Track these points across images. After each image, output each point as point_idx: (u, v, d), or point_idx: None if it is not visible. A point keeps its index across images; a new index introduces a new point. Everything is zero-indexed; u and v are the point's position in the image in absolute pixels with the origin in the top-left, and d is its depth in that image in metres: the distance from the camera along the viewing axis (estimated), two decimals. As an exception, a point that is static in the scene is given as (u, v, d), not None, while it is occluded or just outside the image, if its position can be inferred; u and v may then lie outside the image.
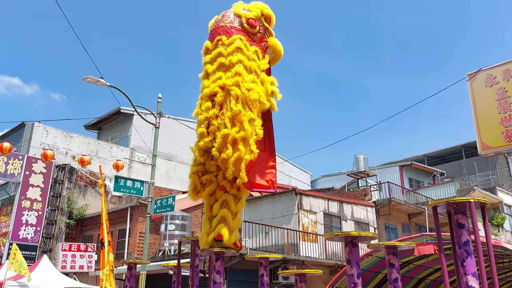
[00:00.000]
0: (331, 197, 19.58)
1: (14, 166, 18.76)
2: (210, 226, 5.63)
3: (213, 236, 5.44)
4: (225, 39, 5.85)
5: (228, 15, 6.18)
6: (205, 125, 5.54)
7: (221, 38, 5.87)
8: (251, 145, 5.33)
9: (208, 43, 6.04)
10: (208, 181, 5.74)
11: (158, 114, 14.57)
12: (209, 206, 5.79)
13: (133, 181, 14.34)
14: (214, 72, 5.72)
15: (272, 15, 6.41)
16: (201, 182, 5.78)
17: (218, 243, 5.49)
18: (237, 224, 5.73)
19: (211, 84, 5.63)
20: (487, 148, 10.86)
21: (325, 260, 16.47)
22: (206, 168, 5.77)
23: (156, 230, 18.22)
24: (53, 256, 18.54)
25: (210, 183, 5.73)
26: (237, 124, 5.31)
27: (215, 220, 5.56)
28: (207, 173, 5.77)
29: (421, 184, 28.98)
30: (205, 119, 5.54)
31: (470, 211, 3.91)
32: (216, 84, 5.56)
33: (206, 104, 5.58)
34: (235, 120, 5.33)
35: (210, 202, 5.77)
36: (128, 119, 25.91)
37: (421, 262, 14.47)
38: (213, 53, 5.85)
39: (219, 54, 5.77)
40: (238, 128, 5.29)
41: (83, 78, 13.29)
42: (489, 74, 11.52)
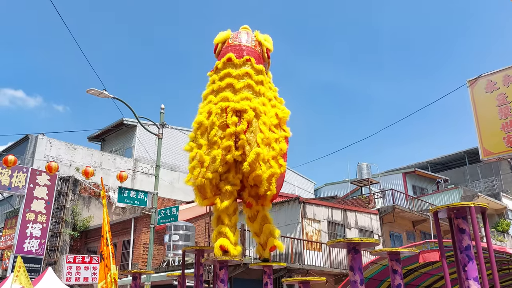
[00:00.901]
0: (335, 205, 19.55)
1: (18, 179, 18.88)
2: (234, 234, 5.94)
3: (268, 249, 6.10)
4: (254, 61, 6.33)
5: (249, 37, 6.62)
6: (233, 139, 5.77)
7: (250, 59, 6.31)
8: (279, 159, 5.88)
9: (233, 55, 6.29)
10: (229, 192, 5.91)
11: (161, 125, 14.67)
12: (228, 215, 5.95)
13: (137, 191, 14.40)
14: (241, 89, 6.07)
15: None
16: (215, 189, 5.96)
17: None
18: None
19: (241, 101, 5.94)
20: (489, 154, 10.87)
21: (329, 268, 16.40)
22: (229, 180, 5.93)
23: (160, 241, 18.23)
24: (57, 268, 18.56)
25: (230, 195, 5.93)
26: (267, 145, 5.87)
27: (264, 236, 6.12)
28: (227, 183, 5.91)
29: (425, 191, 28.89)
30: (234, 133, 5.77)
31: (471, 216, 3.95)
32: (247, 103, 5.91)
33: (233, 118, 5.82)
34: (265, 143, 5.85)
35: (228, 211, 5.96)
36: (131, 130, 26.07)
37: (426, 269, 14.39)
38: (241, 70, 6.20)
39: (247, 74, 6.20)
40: (269, 148, 5.85)
41: (86, 91, 13.41)
42: (489, 80, 11.58)
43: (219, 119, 5.89)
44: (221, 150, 5.75)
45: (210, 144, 5.86)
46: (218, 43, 6.61)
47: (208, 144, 5.89)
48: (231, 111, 5.87)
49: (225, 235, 5.82)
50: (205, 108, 6.13)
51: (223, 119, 5.87)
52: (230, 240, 5.81)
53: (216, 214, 6.03)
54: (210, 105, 6.08)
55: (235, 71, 6.18)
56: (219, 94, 6.12)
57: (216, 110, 5.95)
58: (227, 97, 5.99)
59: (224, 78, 6.19)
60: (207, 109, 6.08)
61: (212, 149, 5.81)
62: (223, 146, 5.75)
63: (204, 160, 5.79)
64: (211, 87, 6.31)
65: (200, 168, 5.82)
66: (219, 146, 5.78)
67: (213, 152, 5.76)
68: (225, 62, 6.28)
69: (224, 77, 6.19)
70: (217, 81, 6.25)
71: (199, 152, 5.88)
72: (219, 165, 5.74)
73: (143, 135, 23.95)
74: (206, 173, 5.79)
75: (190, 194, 26.09)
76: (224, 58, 6.29)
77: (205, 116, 6.03)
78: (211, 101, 6.13)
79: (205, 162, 5.78)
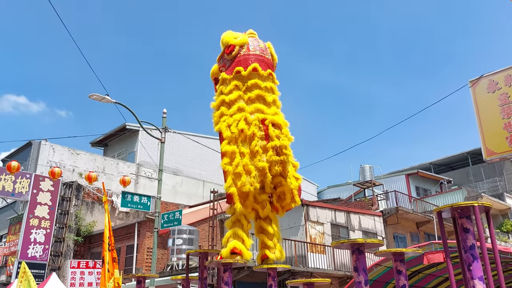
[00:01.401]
0: (338, 207, 19.53)
1: (22, 185, 18.94)
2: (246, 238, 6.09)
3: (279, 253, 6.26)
4: (274, 76, 6.58)
5: (265, 47, 6.74)
6: (275, 152, 5.91)
7: (271, 74, 6.53)
8: (295, 174, 6.29)
9: (258, 66, 6.36)
10: (264, 200, 6.15)
11: (164, 129, 14.71)
12: (246, 221, 6.13)
13: (140, 196, 14.42)
14: (271, 103, 6.27)
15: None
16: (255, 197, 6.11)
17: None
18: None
19: (275, 115, 6.14)
20: (492, 154, 10.85)
21: (333, 271, 16.36)
22: (265, 189, 6.11)
23: (163, 245, 18.22)
24: (61, 274, 18.57)
25: (265, 203, 6.17)
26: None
27: (276, 240, 6.28)
28: (263, 193, 6.11)
29: (428, 192, 28.82)
30: (275, 147, 5.90)
31: (475, 215, 3.94)
32: (281, 118, 6.20)
33: (275, 132, 5.97)
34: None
35: (250, 216, 6.17)
36: (134, 135, 26.14)
37: (431, 271, 14.34)
38: (267, 83, 6.36)
39: (271, 89, 6.41)
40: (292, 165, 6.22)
41: (89, 96, 13.47)
42: (491, 80, 11.57)
43: (259, 130, 5.99)
44: (267, 164, 5.83)
45: (252, 154, 5.90)
46: (235, 45, 6.53)
47: (250, 153, 5.92)
48: (270, 124, 5.98)
49: (241, 238, 5.87)
50: (239, 115, 6.08)
51: (262, 131, 5.99)
52: (246, 244, 5.90)
53: (235, 217, 6.04)
54: (245, 114, 6.07)
55: (262, 83, 6.29)
56: (252, 104, 6.17)
57: (255, 121, 6.00)
58: (262, 109, 6.12)
59: (252, 88, 6.25)
60: (241, 117, 6.06)
61: (255, 159, 5.87)
62: (269, 159, 5.87)
63: (250, 170, 5.82)
64: (238, 93, 6.25)
65: (247, 177, 5.85)
66: (260, 156, 5.86)
67: (260, 164, 5.83)
68: (251, 71, 6.31)
69: (252, 87, 6.25)
70: (244, 89, 6.27)
71: (245, 160, 5.87)
72: (266, 177, 5.88)
73: (145, 139, 24.01)
74: (254, 183, 5.84)
75: (193, 198, 26.24)
76: (250, 68, 6.31)
77: (243, 124, 6.00)
78: (245, 110, 6.12)
79: (251, 172, 5.82)
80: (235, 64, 6.42)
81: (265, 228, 6.25)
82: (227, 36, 6.61)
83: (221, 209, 17.26)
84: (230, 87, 6.33)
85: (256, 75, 6.31)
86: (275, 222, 6.42)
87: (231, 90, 6.30)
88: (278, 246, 6.32)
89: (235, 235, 5.88)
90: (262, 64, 6.41)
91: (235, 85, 6.30)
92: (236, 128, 6.00)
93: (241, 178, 5.83)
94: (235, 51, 6.50)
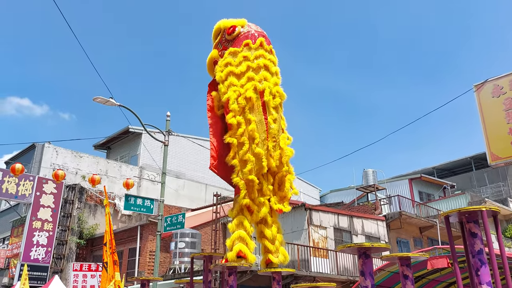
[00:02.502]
0: (341, 211, 19.47)
1: (25, 187, 18.97)
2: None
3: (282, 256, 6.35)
4: (274, 52, 6.90)
5: (261, 29, 7.02)
6: (274, 146, 6.16)
7: (272, 49, 6.85)
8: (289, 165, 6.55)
9: (264, 40, 6.71)
10: (261, 203, 6.18)
11: (167, 132, 14.71)
12: (250, 224, 6.18)
13: (143, 199, 14.40)
14: (274, 73, 6.58)
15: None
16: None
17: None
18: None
19: (275, 86, 6.47)
20: (497, 159, 10.82)
21: (336, 275, 16.29)
22: (263, 191, 6.19)
23: (166, 249, 18.19)
24: (64, 277, 18.54)
25: (262, 206, 6.20)
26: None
27: (278, 243, 6.35)
28: (261, 195, 6.19)
29: (432, 197, 28.71)
30: (274, 137, 6.16)
31: (482, 220, 3.91)
32: (280, 89, 6.55)
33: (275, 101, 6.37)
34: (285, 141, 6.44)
35: (253, 219, 6.22)
36: (137, 137, 26.16)
37: (435, 276, 14.24)
38: (271, 56, 6.71)
39: (274, 63, 6.71)
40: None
41: (93, 99, 13.48)
42: (496, 84, 11.57)
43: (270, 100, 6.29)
44: (262, 151, 6.00)
45: (260, 124, 6.09)
46: (236, 25, 6.80)
47: (256, 122, 6.07)
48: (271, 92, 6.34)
49: (245, 241, 5.87)
50: (249, 84, 6.26)
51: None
52: (249, 248, 5.89)
53: (238, 220, 6.03)
54: (254, 83, 6.27)
55: (268, 55, 6.61)
56: (260, 73, 6.38)
57: (267, 89, 6.27)
58: (267, 77, 6.37)
59: (259, 58, 6.53)
60: (251, 86, 6.24)
61: (253, 145, 6.01)
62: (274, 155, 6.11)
63: (255, 137, 5.98)
64: (247, 64, 6.43)
65: (250, 145, 5.99)
66: (260, 145, 6.02)
67: (256, 150, 5.97)
68: (259, 45, 6.62)
69: (260, 57, 6.53)
70: (253, 58, 6.48)
71: (252, 127, 5.99)
72: (262, 166, 5.99)
73: (148, 142, 24.03)
74: (256, 148, 5.97)
75: (195, 201, 26.22)
76: (258, 41, 6.63)
77: (251, 92, 6.17)
78: (254, 79, 6.31)
79: (256, 138, 5.98)
80: (243, 38, 6.69)
81: (264, 232, 6.27)
82: (225, 20, 6.92)
83: (224, 213, 17.23)
84: (239, 59, 6.52)
85: (262, 48, 6.64)
86: (276, 226, 6.43)
87: (241, 61, 6.51)
88: (282, 249, 6.31)
89: (240, 238, 5.87)
90: (266, 39, 6.81)
91: (244, 57, 6.52)
92: (243, 100, 6.13)
93: (247, 165, 5.94)
94: (237, 30, 6.77)
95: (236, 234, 5.92)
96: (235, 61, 6.50)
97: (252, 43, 6.57)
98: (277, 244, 6.33)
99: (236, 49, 6.59)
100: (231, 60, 6.53)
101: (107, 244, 9.79)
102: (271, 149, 6.04)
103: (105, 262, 9.52)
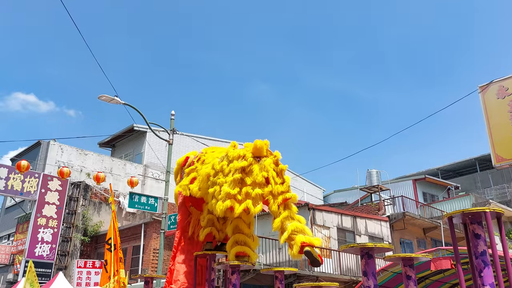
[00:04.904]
0: (345, 212, 19.46)
1: (30, 184, 19.09)
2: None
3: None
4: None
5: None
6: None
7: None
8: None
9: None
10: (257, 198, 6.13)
11: (172, 131, 14.77)
12: (246, 224, 6.30)
13: (147, 197, 14.48)
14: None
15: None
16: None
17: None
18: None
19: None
20: (501, 160, 10.79)
21: (339, 275, 16.29)
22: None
23: (170, 247, 18.23)
24: (68, 273, 18.65)
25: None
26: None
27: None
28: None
29: (435, 198, 28.62)
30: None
31: (486, 221, 3.92)
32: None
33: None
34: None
35: (249, 219, 6.38)
36: (142, 136, 26.26)
37: (438, 277, 14.22)
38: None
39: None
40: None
41: (98, 97, 13.56)
42: (501, 85, 11.52)
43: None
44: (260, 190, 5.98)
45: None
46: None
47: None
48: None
49: (243, 242, 5.91)
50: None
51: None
52: (251, 247, 5.93)
53: (234, 224, 6.08)
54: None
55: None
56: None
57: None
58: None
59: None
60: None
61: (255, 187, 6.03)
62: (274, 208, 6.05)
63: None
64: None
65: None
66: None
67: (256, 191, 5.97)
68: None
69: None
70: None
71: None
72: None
73: (153, 141, 24.11)
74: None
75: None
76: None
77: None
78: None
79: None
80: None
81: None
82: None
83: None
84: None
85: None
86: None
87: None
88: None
89: (235, 243, 5.94)
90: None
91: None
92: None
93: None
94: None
95: (231, 240, 6.01)
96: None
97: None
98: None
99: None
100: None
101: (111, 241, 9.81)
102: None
103: (104, 260, 9.55)
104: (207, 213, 6.74)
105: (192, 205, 7.13)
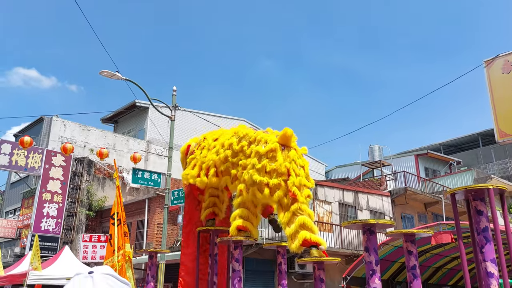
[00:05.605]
0: (346, 187, 19.58)
1: (34, 160, 19.20)
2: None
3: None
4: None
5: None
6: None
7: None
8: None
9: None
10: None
11: (174, 107, 14.71)
12: (253, 205, 6.22)
13: (151, 173, 14.57)
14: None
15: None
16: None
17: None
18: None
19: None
20: (505, 136, 10.73)
21: (340, 249, 16.54)
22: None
23: (173, 221, 18.50)
24: (74, 247, 18.99)
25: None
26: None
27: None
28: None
29: (437, 173, 28.70)
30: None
31: (489, 198, 3.93)
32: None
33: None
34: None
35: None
36: (144, 112, 26.21)
37: (438, 251, 14.43)
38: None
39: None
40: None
41: (99, 72, 13.45)
42: (506, 60, 11.34)
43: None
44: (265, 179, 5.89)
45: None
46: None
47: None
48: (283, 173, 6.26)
49: (246, 217, 5.95)
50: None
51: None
52: (253, 223, 5.99)
53: (242, 199, 6.07)
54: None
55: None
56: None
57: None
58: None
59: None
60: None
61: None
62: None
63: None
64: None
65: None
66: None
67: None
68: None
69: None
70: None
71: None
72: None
73: (155, 117, 24.06)
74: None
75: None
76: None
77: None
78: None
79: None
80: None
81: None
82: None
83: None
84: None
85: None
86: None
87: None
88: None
89: (240, 215, 5.96)
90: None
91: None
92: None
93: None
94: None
95: (237, 212, 6.02)
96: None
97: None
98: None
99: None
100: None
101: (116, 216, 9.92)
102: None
103: (109, 234, 9.68)
104: (208, 196, 6.89)
105: (201, 193, 7.14)
